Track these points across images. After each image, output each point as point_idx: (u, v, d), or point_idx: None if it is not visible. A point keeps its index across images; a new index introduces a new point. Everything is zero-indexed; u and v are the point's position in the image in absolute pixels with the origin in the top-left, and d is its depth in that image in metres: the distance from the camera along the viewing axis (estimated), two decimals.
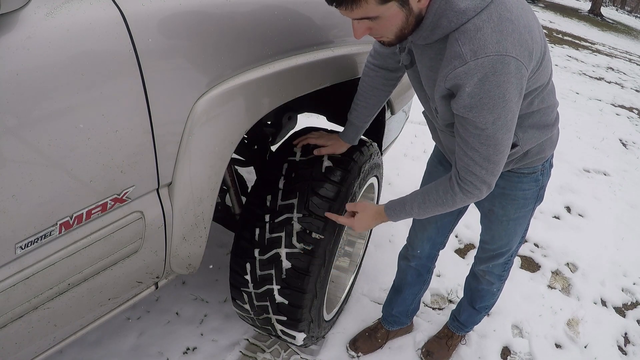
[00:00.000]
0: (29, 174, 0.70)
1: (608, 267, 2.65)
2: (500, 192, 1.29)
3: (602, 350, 2.06)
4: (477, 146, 0.97)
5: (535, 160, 1.22)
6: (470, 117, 0.92)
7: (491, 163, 0.99)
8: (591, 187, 3.58)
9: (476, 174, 1.01)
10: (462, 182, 1.04)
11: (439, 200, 1.10)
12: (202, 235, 1.11)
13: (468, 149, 0.99)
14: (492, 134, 0.94)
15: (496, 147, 0.96)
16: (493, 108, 0.90)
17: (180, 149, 0.94)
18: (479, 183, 1.03)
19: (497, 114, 0.91)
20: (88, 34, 0.72)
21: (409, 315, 1.82)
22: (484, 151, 0.97)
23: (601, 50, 10.95)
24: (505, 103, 0.90)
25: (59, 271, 0.82)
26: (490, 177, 1.02)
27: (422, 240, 1.58)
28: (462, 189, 1.05)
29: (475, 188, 1.04)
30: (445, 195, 1.09)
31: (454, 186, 1.06)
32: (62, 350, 1.53)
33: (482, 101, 0.89)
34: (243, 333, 1.75)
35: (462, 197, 1.07)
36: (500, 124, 0.93)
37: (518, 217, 1.34)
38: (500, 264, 1.52)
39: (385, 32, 0.93)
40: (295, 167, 1.32)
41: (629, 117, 5.90)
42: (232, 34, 0.97)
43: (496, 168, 1.01)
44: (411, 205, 1.16)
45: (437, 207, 1.12)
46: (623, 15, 26.24)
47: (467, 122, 0.94)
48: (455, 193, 1.07)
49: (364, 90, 1.31)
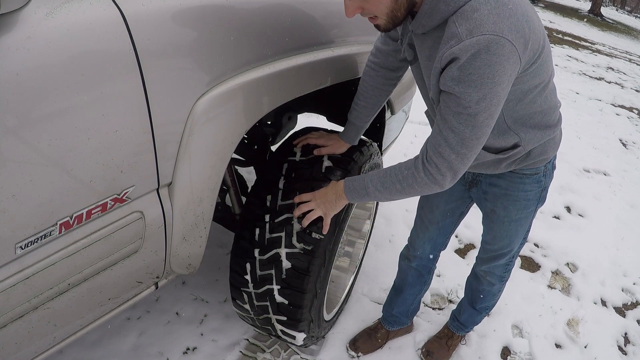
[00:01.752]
0: (29, 174, 0.70)
1: (608, 267, 2.65)
2: (502, 193, 1.29)
3: (602, 350, 2.06)
4: (455, 126, 0.93)
5: (537, 161, 1.21)
6: (456, 91, 0.90)
7: (464, 148, 0.95)
8: (591, 187, 3.59)
9: (445, 157, 0.97)
10: (427, 163, 1.00)
11: (399, 177, 1.04)
12: (202, 235, 1.11)
13: (445, 129, 0.95)
14: (474, 113, 0.91)
15: (474, 130, 0.93)
16: (480, 86, 0.87)
17: (180, 149, 0.94)
18: (444, 168, 0.98)
19: (482, 94, 0.88)
20: (88, 34, 0.72)
21: (409, 316, 1.82)
22: (461, 132, 0.93)
23: (601, 50, 10.95)
24: (494, 85, 0.88)
25: (59, 271, 0.82)
26: (459, 164, 0.98)
27: (424, 240, 1.57)
28: (426, 170, 1.00)
29: (439, 173, 0.99)
30: (406, 173, 1.03)
31: (418, 165, 1.02)
32: (62, 350, 1.53)
33: (470, 77, 0.87)
34: (243, 333, 1.75)
35: (424, 180, 1.01)
36: (484, 106, 0.90)
37: (520, 218, 1.34)
38: (502, 265, 1.52)
39: (376, 10, 0.93)
40: (295, 167, 1.32)
41: (629, 117, 5.90)
42: (232, 33, 0.97)
43: (467, 155, 0.97)
44: (371, 180, 1.09)
45: (396, 186, 1.05)
46: (623, 15, 26.24)
47: (451, 99, 0.92)
48: (417, 172, 1.01)
49: (364, 90, 1.31)
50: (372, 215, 1.91)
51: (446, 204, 1.46)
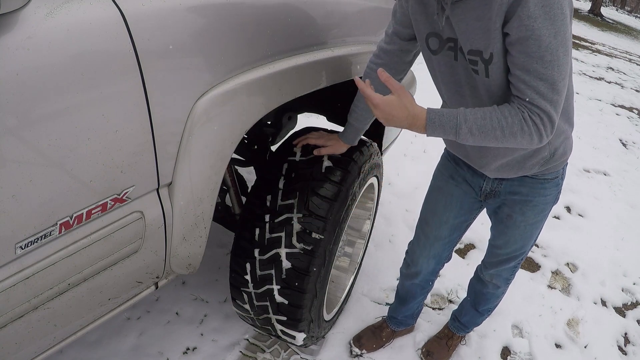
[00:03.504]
0: (29, 174, 0.70)
1: (608, 267, 2.65)
2: (522, 200, 1.27)
3: (602, 350, 2.06)
4: (542, 71, 0.92)
5: (559, 163, 1.20)
6: (535, 28, 0.89)
7: (556, 93, 0.94)
8: (591, 187, 3.59)
9: (542, 108, 0.94)
10: (532, 114, 0.95)
11: (502, 123, 0.96)
12: (202, 235, 1.11)
13: (531, 79, 0.93)
14: (555, 50, 0.90)
15: (560, 70, 0.92)
16: (554, 19, 0.88)
17: (180, 149, 0.94)
18: (546, 119, 0.95)
19: (557, 27, 0.89)
20: (88, 34, 0.72)
21: (414, 317, 1.83)
22: (549, 75, 0.92)
23: (601, 50, 10.95)
24: (564, 17, 0.89)
25: (59, 271, 0.82)
26: (554, 113, 0.95)
27: (428, 257, 1.52)
28: (532, 121, 0.95)
29: (542, 124, 0.95)
30: (513, 119, 0.96)
31: (524, 113, 0.96)
32: (62, 350, 1.53)
33: (544, 9, 0.87)
34: (243, 333, 1.75)
35: (530, 130, 0.96)
36: (561, 40, 0.90)
37: (536, 222, 1.32)
38: (510, 268, 1.49)
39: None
40: (295, 167, 1.32)
41: (629, 117, 5.90)
42: (232, 34, 0.97)
43: (559, 101, 0.95)
44: (465, 118, 0.98)
45: (496, 132, 0.97)
46: (623, 15, 26.23)
47: (529, 43, 0.90)
48: (525, 120, 0.95)
49: None
50: (372, 215, 1.91)
51: (455, 218, 1.42)
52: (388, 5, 1.62)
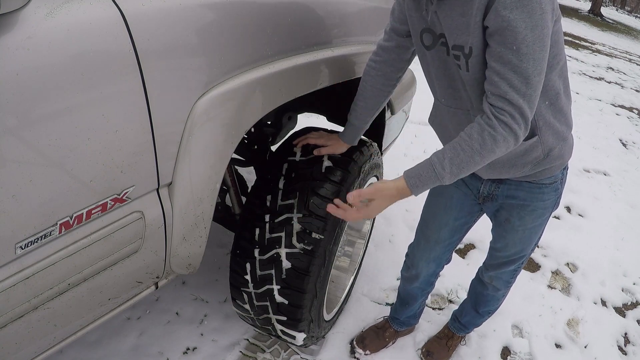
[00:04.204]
0: (28, 174, 0.70)
1: (608, 267, 2.65)
2: (519, 204, 1.27)
3: (602, 350, 2.06)
4: (516, 64, 0.91)
5: (555, 166, 1.19)
6: (510, 19, 0.89)
7: (530, 88, 0.93)
8: (591, 187, 3.59)
9: (514, 102, 0.93)
10: (500, 114, 0.94)
11: (475, 145, 0.96)
12: (202, 235, 1.11)
13: (505, 72, 0.92)
14: (531, 43, 0.90)
15: (535, 64, 0.92)
16: (532, 12, 0.89)
17: (180, 149, 0.94)
18: (517, 114, 0.94)
19: (534, 21, 0.89)
20: (88, 34, 0.72)
21: (416, 317, 1.83)
22: (523, 69, 0.91)
23: (601, 50, 10.95)
24: (543, 12, 0.89)
25: (59, 271, 0.82)
26: (527, 109, 0.94)
27: (429, 260, 1.53)
28: (501, 123, 0.94)
29: (514, 121, 0.94)
30: (482, 140, 0.96)
31: (491, 123, 0.95)
32: (62, 350, 1.53)
33: (521, 2, 0.88)
34: (243, 333, 1.75)
35: (502, 135, 0.95)
36: (538, 34, 0.90)
37: (535, 226, 1.31)
38: (510, 271, 1.49)
39: None
40: (295, 167, 1.32)
41: (629, 117, 5.90)
42: (232, 34, 0.97)
43: (533, 97, 0.94)
44: (441, 164, 0.99)
45: (475, 156, 0.97)
46: (623, 15, 26.24)
47: (506, 35, 0.91)
48: (494, 130, 0.94)
49: (363, 91, 1.31)
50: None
51: (455, 221, 1.42)
52: (388, 5, 1.62)
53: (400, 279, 1.70)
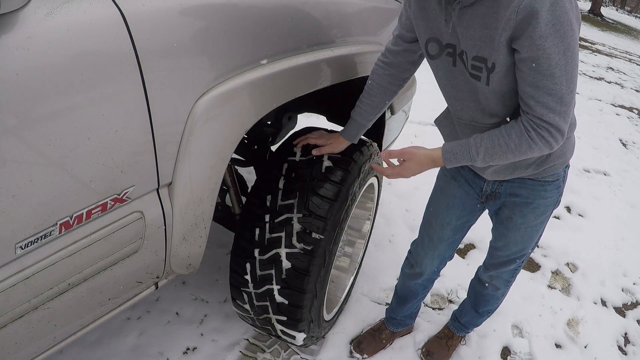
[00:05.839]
0: (29, 174, 0.70)
1: (608, 267, 2.65)
2: (522, 202, 1.27)
3: (602, 350, 2.06)
4: (551, 87, 0.94)
5: (557, 164, 1.20)
6: (546, 47, 0.89)
7: (564, 105, 0.96)
8: (591, 187, 3.59)
9: (551, 122, 0.98)
10: (538, 127, 0.99)
11: (511, 145, 1.03)
12: (202, 235, 1.11)
13: (540, 95, 0.95)
14: (564, 65, 0.92)
15: (568, 83, 0.94)
16: (564, 35, 0.89)
17: (180, 149, 0.94)
18: (554, 130, 0.99)
19: (567, 43, 0.90)
20: (88, 34, 0.72)
21: (413, 317, 1.83)
22: (558, 90, 0.94)
23: (601, 50, 10.95)
24: (573, 32, 0.90)
25: (59, 271, 0.82)
26: (563, 124, 0.99)
27: (432, 258, 1.53)
28: (539, 134, 1.00)
29: (550, 135, 0.99)
30: (520, 139, 1.02)
31: (529, 131, 1.00)
32: (62, 350, 1.53)
33: (555, 27, 0.88)
34: (243, 333, 1.75)
35: (539, 144, 1.01)
36: (570, 55, 0.91)
37: (536, 224, 1.32)
38: (510, 270, 1.50)
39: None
40: (295, 167, 1.32)
41: (629, 117, 5.90)
42: (232, 33, 0.97)
43: (568, 112, 0.98)
44: (477, 150, 1.07)
45: (508, 154, 1.04)
46: (623, 15, 26.24)
47: (540, 62, 0.92)
48: (532, 138, 1.00)
49: (370, 88, 1.31)
50: (372, 215, 1.91)
51: (457, 220, 1.43)
52: (387, 5, 1.62)
53: (400, 276, 1.70)
